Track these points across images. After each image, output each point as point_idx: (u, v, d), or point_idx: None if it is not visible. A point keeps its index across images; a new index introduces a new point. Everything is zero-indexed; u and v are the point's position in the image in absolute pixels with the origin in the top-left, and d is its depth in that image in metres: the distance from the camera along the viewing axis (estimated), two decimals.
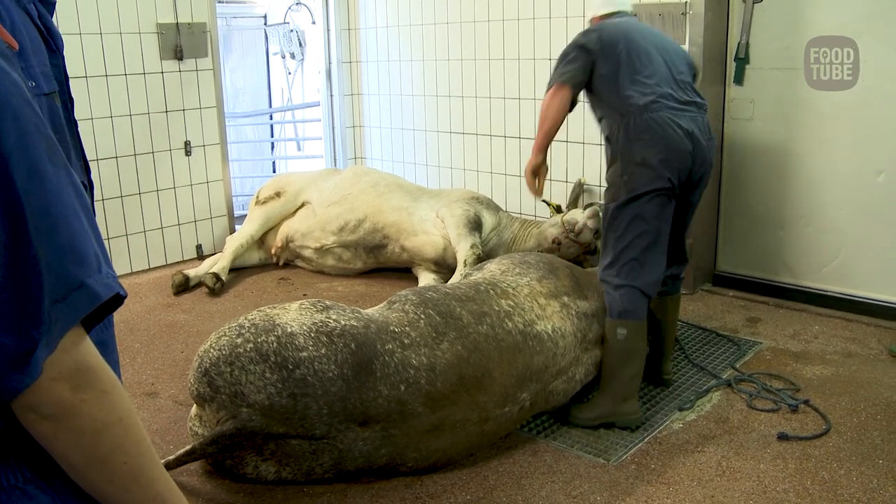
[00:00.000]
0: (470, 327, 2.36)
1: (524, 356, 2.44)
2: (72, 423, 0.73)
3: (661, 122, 2.51)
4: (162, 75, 4.57)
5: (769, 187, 3.88)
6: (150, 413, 2.80)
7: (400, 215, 4.39)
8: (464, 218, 4.22)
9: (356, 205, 4.46)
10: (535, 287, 2.66)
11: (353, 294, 4.25)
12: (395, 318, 2.32)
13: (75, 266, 0.74)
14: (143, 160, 4.58)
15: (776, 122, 3.78)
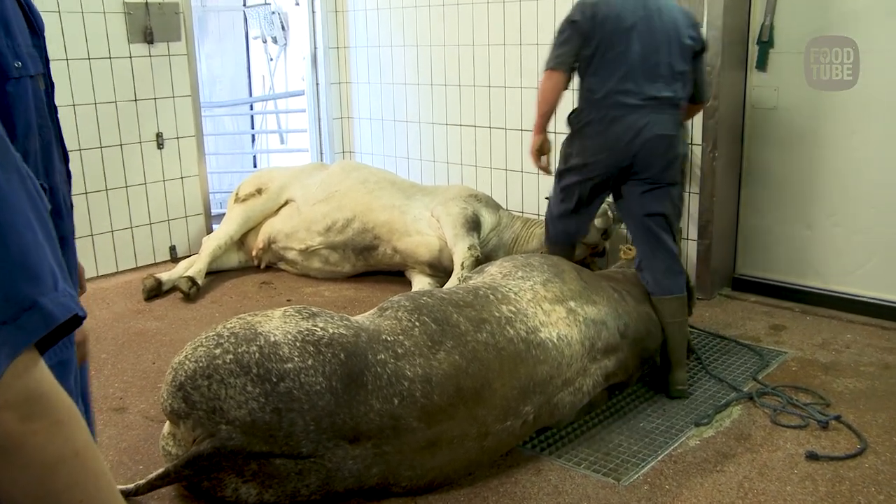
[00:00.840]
0: (468, 335, 2.37)
1: (527, 366, 2.46)
2: (19, 458, 0.70)
3: (607, 119, 2.91)
4: (130, 60, 4.58)
5: (795, 183, 3.90)
6: (117, 430, 2.81)
7: (392, 214, 4.41)
8: (461, 217, 4.24)
9: (344, 203, 4.48)
10: (538, 291, 2.67)
11: (342, 299, 4.26)
12: (388, 326, 2.33)
13: (27, 283, 0.72)
14: (111, 153, 4.59)
15: (803, 112, 3.80)
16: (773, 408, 2.86)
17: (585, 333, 2.66)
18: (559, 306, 2.66)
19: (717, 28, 3.77)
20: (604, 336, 2.72)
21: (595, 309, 2.75)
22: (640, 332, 2.91)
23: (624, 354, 2.82)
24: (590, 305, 2.74)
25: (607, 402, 2.93)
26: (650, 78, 2.86)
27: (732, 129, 3.98)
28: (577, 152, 3.02)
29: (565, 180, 3.09)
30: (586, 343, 2.66)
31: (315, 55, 5.70)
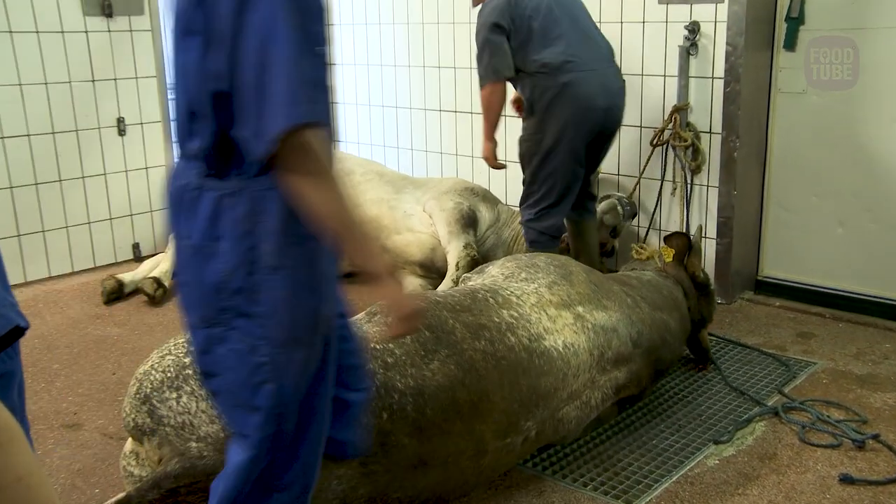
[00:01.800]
0: (465, 343, 2.39)
1: (529, 377, 2.48)
2: None
3: (574, 84, 3.39)
4: (86, 35, 4.57)
5: (826, 174, 3.92)
6: (70, 450, 2.81)
7: (380, 209, 4.42)
8: (456, 212, 4.26)
9: None
10: (543, 295, 2.69)
11: None
12: (376, 333, 2.35)
13: None
14: (64, 140, 4.58)
15: (836, 96, 3.81)
16: (802, 424, 2.89)
17: (594, 342, 2.68)
18: (566, 311, 2.68)
19: (740, 3, 3.79)
20: (614, 345, 2.75)
21: (605, 315, 2.77)
22: (654, 341, 2.93)
23: (636, 365, 2.84)
24: (600, 311, 2.76)
25: (617, 417, 2.95)
26: (585, 39, 3.47)
27: (756, 115, 4.00)
28: (552, 130, 3.43)
29: (546, 168, 3.48)
30: (595, 352, 2.68)
31: None
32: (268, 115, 1.39)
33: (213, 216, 1.47)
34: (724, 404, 3.08)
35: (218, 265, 1.47)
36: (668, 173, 4.21)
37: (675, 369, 3.37)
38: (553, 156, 3.49)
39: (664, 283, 3.23)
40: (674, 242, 3.34)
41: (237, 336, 1.50)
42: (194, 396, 2.09)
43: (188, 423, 2.08)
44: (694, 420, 2.96)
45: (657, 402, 3.11)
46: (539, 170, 3.53)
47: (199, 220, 1.48)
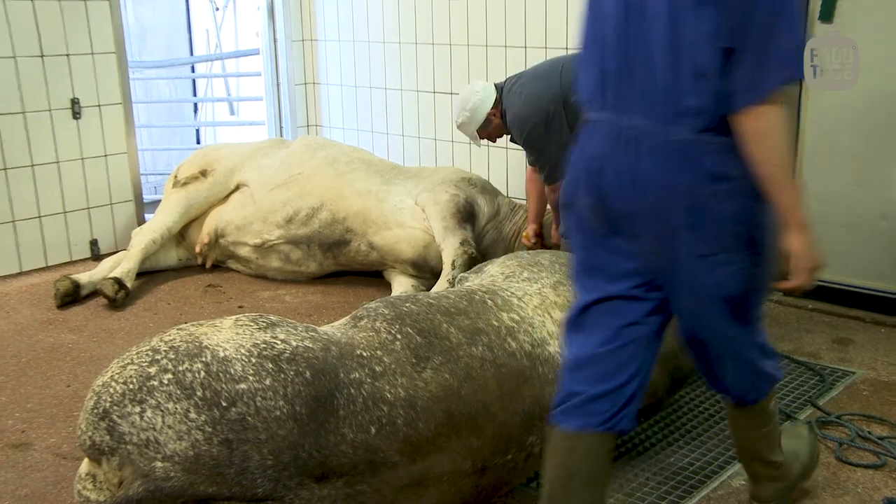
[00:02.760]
0: (461, 349, 2.41)
1: (532, 386, 2.50)
2: None
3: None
4: (32, 5, 4.57)
5: (867, 162, 3.92)
6: (17, 473, 2.81)
7: (367, 202, 4.44)
8: (451, 205, 4.28)
9: (309, 188, 4.51)
10: (548, 296, 2.72)
11: (306, 306, 4.30)
12: (363, 339, 2.37)
13: None
14: (10, 124, 4.59)
15: (880, 74, 3.79)
16: (839, 441, 2.90)
17: None
18: None
19: None
20: None
21: None
22: (671, 347, 2.94)
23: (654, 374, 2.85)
24: None
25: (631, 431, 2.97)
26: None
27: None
28: None
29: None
30: None
31: (272, 5, 5.71)
32: (769, 70, 1.87)
33: (721, 163, 1.94)
34: None
35: (733, 202, 1.95)
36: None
37: (695, 378, 3.38)
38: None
39: None
40: None
41: (743, 257, 2.01)
42: (160, 410, 2.11)
43: (153, 441, 2.10)
44: (717, 435, 2.98)
45: (675, 414, 3.13)
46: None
47: (705, 168, 1.93)
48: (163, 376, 2.14)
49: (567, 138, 3.82)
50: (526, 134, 3.85)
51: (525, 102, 3.81)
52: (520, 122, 3.84)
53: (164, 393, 2.12)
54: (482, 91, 3.95)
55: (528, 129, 3.82)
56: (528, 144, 3.90)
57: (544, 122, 3.78)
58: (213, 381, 2.13)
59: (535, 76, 3.86)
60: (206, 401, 2.11)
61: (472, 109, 3.95)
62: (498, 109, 3.96)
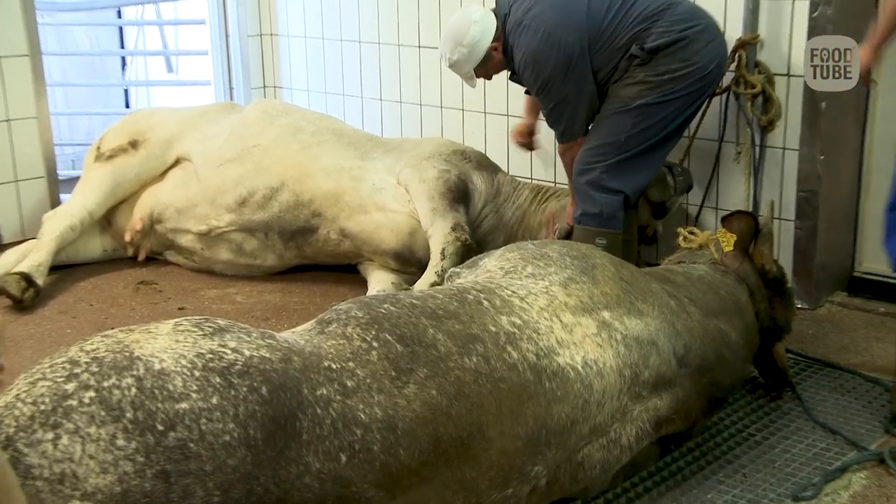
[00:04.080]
0: (451, 360, 2.41)
1: (537, 405, 2.50)
2: None
3: (708, 27, 3.92)
4: None
5: None
6: None
7: (339, 181, 4.43)
8: (440, 183, 4.27)
9: (267, 163, 4.50)
10: (556, 296, 2.71)
11: (263, 308, 4.30)
12: (332, 348, 2.36)
13: None
14: None
15: None
16: None
17: (625, 358, 2.70)
18: (587, 318, 2.70)
19: None
20: (653, 363, 2.77)
21: (641, 323, 2.79)
22: (708, 358, 2.95)
23: (683, 391, 2.87)
24: (633, 317, 2.78)
25: (659, 461, 2.97)
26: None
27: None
28: (687, 59, 3.74)
29: (670, 106, 3.78)
30: (627, 373, 2.70)
31: None
32: None
33: None
34: (807, 447, 3.10)
35: None
36: (728, 132, 4.22)
37: (737, 398, 3.39)
38: (678, 86, 3.87)
39: (722, 280, 3.25)
40: (736, 225, 3.35)
41: None
42: (79, 437, 2.08)
43: (70, 474, 2.08)
44: (765, 468, 2.98)
45: (713, 442, 3.14)
46: (662, 99, 3.90)
47: None
48: (83, 394, 2.13)
49: (591, 89, 3.82)
50: (542, 80, 3.83)
51: (542, 41, 3.77)
52: (534, 64, 3.81)
53: (85, 415, 2.11)
54: (481, 20, 3.90)
55: (546, 74, 3.80)
56: (543, 92, 3.88)
57: (565, 66, 3.76)
58: (146, 399, 2.11)
59: (554, 5, 3.82)
60: (137, 424, 2.09)
61: (471, 44, 3.90)
62: (500, 42, 3.91)
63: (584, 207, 3.87)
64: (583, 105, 3.85)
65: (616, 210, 3.84)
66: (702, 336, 2.95)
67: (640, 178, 3.89)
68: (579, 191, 3.89)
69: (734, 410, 3.32)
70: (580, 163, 3.88)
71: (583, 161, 3.88)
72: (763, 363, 3.42)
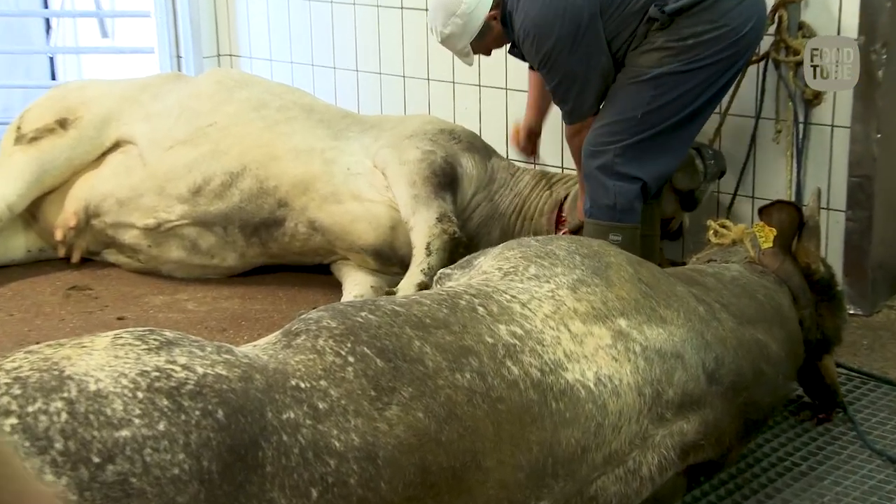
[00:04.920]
0: (440, 377, 2.41)
1: (542, 429, 2.51)
2: None
3: None
4: None
5: None
6: None
7: (309, 165, 4.44)
8: (424, 166, 4.28)
9: (225, 145, 4.52)
10: (564, 301, 2.72)
11: (219, 316, 4.31)
12: (301, 364, 2.36)
13: None
14: None
15: None
16: None
17: (646, 374, 2.71)
18: (600, 327, 2.71)
19: None
20: (678, 379, 2.78)
21: (664, 332, 2.80)
22: (743, 373, 2.96)
23: (714, 412, 2.87)
24: (654, 326, 2.80)
25: (686, 495, 2.98)
26: None
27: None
28: (716, 21, 3.76)
29: (697, 76, 3.79)
30: (647, 391, 2.71)
31: None
32: None
33: None
34: (861, 478, 3.10)
35: None
36: (767, 106, 4.23)
37: (778, 420, 3.40)
38: (703, 54, 3.93)
39: (759, 281, 3.27)
40: (776, 217, 3.36)
41: None
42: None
43: None
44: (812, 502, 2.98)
45: (750, 473, 3.15)
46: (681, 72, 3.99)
47: None
48: (2, 421, 2.12)
49: (603, 61, 3.84)
50: (545, 51, 3.86)
51: (545, 4, 3.81)
52: (536, 32, 3.84)
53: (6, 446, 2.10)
54: None
55: (549, 44, 3.82)
56: (547, 65, 3.92)
57: (572, 35, 3.79)
58: (79, 426, 2.11)
59: None
60: (69, 456, 2.09)
61: (466, 14, 3.94)
62: (498, 9, 3.96)
63: (596, 198, 3.89)
64: (594, 80, 3.87)
65: (632, 200, 3.85)
66: (736, 347, 2.96)
67: (661, 163, 3.90)
68: (590, 178, 3.90)
69: (775, 435, 3.33)
70: (590, 144, 3.89)
71: (593, 142, 3.89)
72: (809, 379, 3.43)
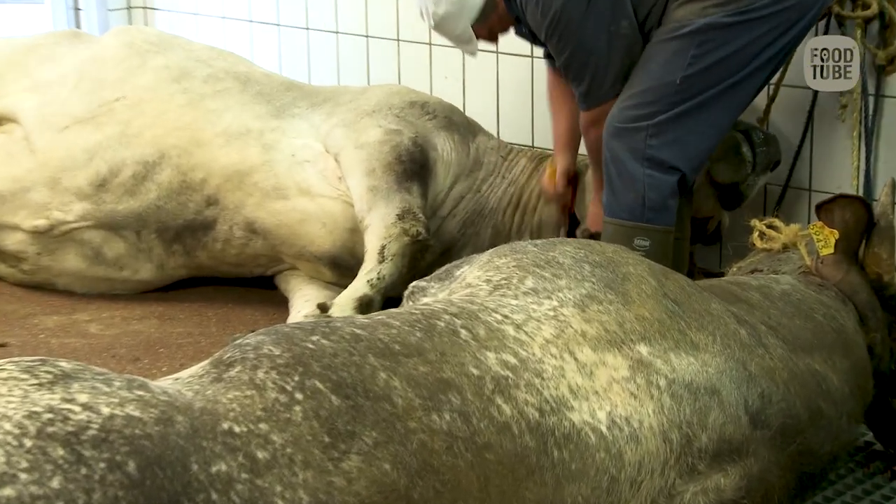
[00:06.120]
0: (412, 418, 2.42)
1: (540, 485, 2.52)
2: None
3: None
4: None
5: None
6: None
7: (243, 150, 4.48)
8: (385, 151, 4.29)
9: (138, 126, 4.54)
10: (570, 322, 2.75)
11: (130, 342, 4.33)
12: (235, 402, 2.36)
13: None
14: None
15: None
16: None
17: (673, 415, 2.73)
18: (615, 355, 2.73)
19: None
20: (714, 421, 2.79)
21: (695, 362, 2.83)
22: (795, 413, 2.98)
23: (759, 462, 2.89)
24: (684, 353, 2.82)
25: None
26: None
27: None
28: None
29: (750, 30, 3.79)
30: (674, 436, 2.73)
31: None
32: None
33: None
34: None
35: None
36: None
37: (841, 473, 3.42)
38: (761, 18, 4.07)
39: (817, 297, 3.29)
40: (839, 216, 3.37)
41: None
42: None
43: None
44: None
45: None
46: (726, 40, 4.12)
47: None
48: None
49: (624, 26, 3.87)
50: (552, 12, 3.89)
51: None
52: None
53: None
54: None
55: (556, 7, 3.86)
56: (556, 32, 3.94)
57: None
58: None
59: None
60: None
61: None
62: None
63: (619, 190, 3.90)
64: (615, 53, 3.91)
65: (668, 196, 3.87)
66: (787, 381, 2.98)
67: (702, 146, 3.92)
68: (613, 164, 3.91)
69: (838, 493, 3.35)
70: (615, 119, 3.91)
71: (619, 116, 3.90)
72: (881, 421, 3.46)
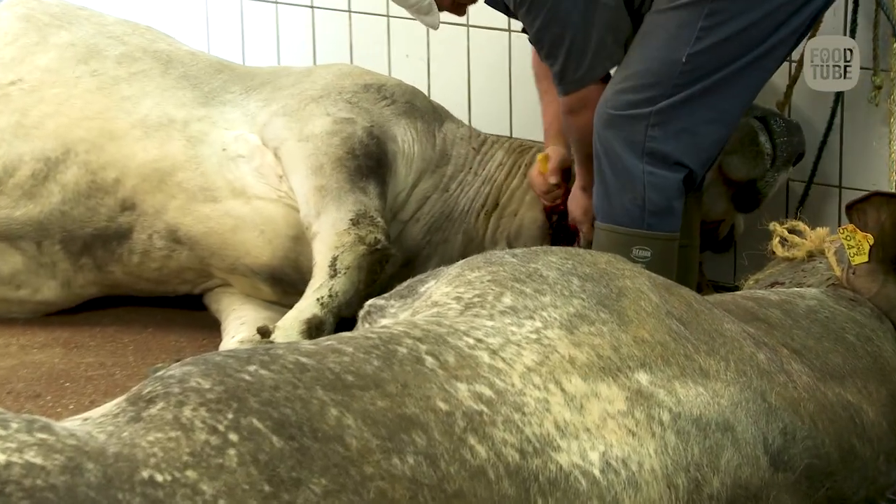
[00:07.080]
0: (368, 463, 2.44)
1: None
2: None
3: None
4: None
5: None
6: None
7: (167, 146, 4.51)
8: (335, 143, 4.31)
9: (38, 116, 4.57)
10: (556, 346, 2.78)
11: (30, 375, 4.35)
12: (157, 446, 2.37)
13: None
14: None
15: None
16: None
17: (678, 456, 2.76)
18: (610, 385, 2.76)
19: None
20: (727, 462, 2.82)
21: (705, 393, 2.86)
22: (824, 452, 3.00)
23: None
24: (691, 383, 2.85)
25: None
26: None
27: None
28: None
29: (761, 2, 3.88)
30: (680, 480, 2.75)
31: None
32: None
33: None
34: None
35: None
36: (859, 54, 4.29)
37: None
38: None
39: (849, 315, 3.33)
40: (873, 217, 3.40)
41: None
42: None
43: None
44: None
45: None
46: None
47: None
48: None
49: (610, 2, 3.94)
50: None
51: None
52: None
53: None
54: None
55: None
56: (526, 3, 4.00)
57: None
58: None
59: None
60: None
61: None
62: None
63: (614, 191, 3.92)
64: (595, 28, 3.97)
65: (672, 197, 3.91)
66: (814, 415, 3.01)
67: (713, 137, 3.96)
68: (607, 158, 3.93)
69: None
70: (609, 105, 3.94)
71: (614, 102, 3.95)
72: None
